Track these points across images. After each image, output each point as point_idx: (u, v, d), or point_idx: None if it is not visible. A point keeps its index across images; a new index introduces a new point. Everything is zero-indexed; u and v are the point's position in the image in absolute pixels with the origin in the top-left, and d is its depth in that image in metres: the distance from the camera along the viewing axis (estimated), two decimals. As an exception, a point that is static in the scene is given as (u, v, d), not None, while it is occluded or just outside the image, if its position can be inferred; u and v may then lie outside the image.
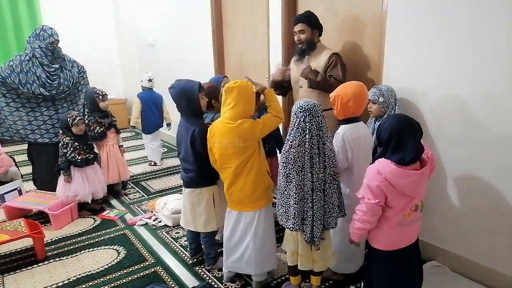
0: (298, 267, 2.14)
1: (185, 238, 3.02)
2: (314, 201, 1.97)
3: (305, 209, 2.00)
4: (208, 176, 2.44)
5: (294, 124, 1.97)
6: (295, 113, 1.98)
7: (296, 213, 2.00)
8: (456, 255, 2.45)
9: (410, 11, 2.44)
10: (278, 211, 2.11)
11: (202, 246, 2.63)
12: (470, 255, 2.39)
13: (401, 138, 1.70)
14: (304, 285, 2.34)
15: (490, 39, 2.10)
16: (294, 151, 1.95)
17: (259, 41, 3.86)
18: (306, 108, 1.94)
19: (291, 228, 2.04)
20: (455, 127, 2.34)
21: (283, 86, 3.04)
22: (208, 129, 2.28)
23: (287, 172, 2.00)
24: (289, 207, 2.03)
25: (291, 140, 1.98)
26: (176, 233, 3.13)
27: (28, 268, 2.69)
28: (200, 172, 2.43)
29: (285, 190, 2.04)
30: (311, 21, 2.75)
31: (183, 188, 2.58)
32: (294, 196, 1.99)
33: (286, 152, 1.99)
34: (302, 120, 1.94)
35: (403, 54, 2.53)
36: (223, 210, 2.42)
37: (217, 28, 4.40)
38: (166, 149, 5.58)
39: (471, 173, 2.32)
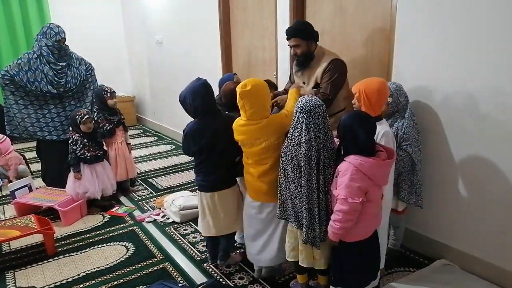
0: (299, 263, 2.14)
1: (193, 235, 3.04)
2: (310, 202, 1.94)
3: (300, 209, 1.98)
4: (234, 174, 2.45)
5: (293, 122, 1.98)
6: (296, 112, 1.97)
7: (292, 208, 2.02)
8: (466, 253, 2.44)
9: (420, 7, 2.42)
10: (277, 203, 2.13)
11: (222, 244, 2.56)
12: (480, 253, 2.37)
13: (354, 133, 1.78)
14: (313, 283, 2.34)
15: (503, 34, 2.07)
16: (292, 149, 1.96)
17: (267, 39, 3.85)
18: (306, 109, 1.91)
19: (291, 220, 2.06)
20: (466, 124, 2.31)
21: None
22: (234, 124, 2.26)
23: (284, 167, 2.03)
24: (286, 199, 2.06)
25: (290, 138, 1.99)
26: (184, 229, 3.14)
27: (38, 263, 2.72)
28: (229, 171, 2.42)
29: (282, 184, 2.07)
30: (304, 34, 2.63)
31: (205, 193, 2.43)
32: (290, 192, 2.01)
33: (285, 148, 2.02)
34: (301, 121, 1.92)
35: (413, 51, 2.50)
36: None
37: (225, 25, 4.39)
38: (173, 147, 5.61)
39: (482, 171, 2.29)
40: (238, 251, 2.73)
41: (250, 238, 2.40)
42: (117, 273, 2.58)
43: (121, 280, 2.50)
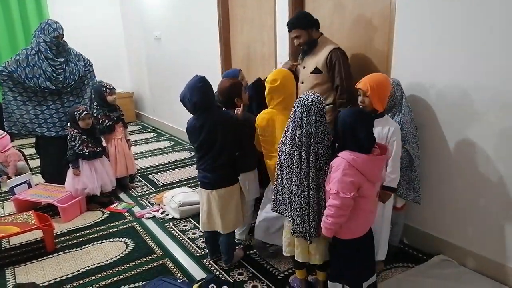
0: (295, 258, 2.16)
1: (193, 231, 3.05)
2: (301, 197, 1.96)
3: (292, 201, 2.02)
4: (235, 172, 2.45)
5: (291, 117, 1.98)
6: (294, 106, 1.97)
7: (288, 201, 2.04)
8: (465, 248, 2.44)
9: (420, 3, 2.41)
10: (272, 197, 2.17)
11: (223, 247, 2.55)
12: (478, 248, 2.38)
13: (356, 130, 1.78)
14: (312, 279, 2.35)
15: (503, 31, 2.07)
16: (289, 143, 1.97)
17: (266, 34, 3.84)
18: (303, 104, 1.91)
19: (285, 214, 2.08)
20: (465, 121, 2.31)
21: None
22: (259, 115, 2.35)
23: (281, 162, 2.04)
24: (282, 193, 2.08)
25: (286, 132, 2.00)
26: (183, 226, 3.15)
27: (38, 260, 2.73)
28: (229, 168, 2.40)
29: (278, 178, 2.09)
30: (303, 24, 2.69)
31: (208, 190, 2.42)
32: (287, 186, 2.03)
33: (282, 143, 2.03)
34: (297, 115, 1.93)
35: (412, 48, 2.50)
36: (250, 209, 2.56)
37: (224, 20, 4.38)
38: (173, 143, 5.60)
39: (480, 167, 2.29)
40: (238, 247, 2.73)
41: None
42: (116, 269, 2.59)
43: (121, 276, 2.51)
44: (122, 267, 2.61)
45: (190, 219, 3.24)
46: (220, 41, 4.45)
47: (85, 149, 3.33)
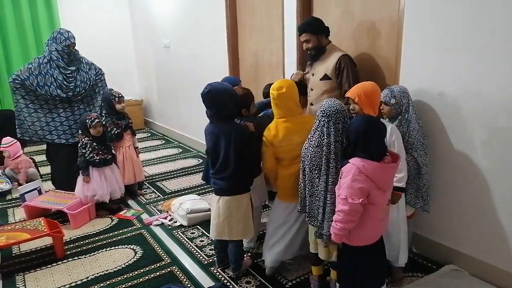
0: (318, 255, 2.24)
1: (201, 239, 3.05)
2: (326, 201, 2.03)
3: (315, 206, 2.10)
4: (246, 181, 2.45)
5: (316, 126, 2.06)
6: (318, 116, 2.05)
7: (308, 204, 2.14)
8: (475, 258, 2.42)
9: (427, 10, 2.41)
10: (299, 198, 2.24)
11: (230, 255, 2.55)
12: (489, 258, 2.35)
13: (367, 138, 1.79)
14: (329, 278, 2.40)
15: (504, 33, 2.06)
16: (312, 150, 2.05)
17: (274, 43, 3.86)
18: (328, 113, 1.99)
19: (306, 214, 2.17)
20: (473, 129, 2.30)
21: (301, 86, 3.05)
22: (266, 132, 2.36)
23: (304, 167, 2.12)
24: (305, 197, 2.16)
25: (310, 140, 2.09)
26: (191, 233, 3.16)
27: (48, 266, 2.75)
28: (241, 178, 2.40)
29: (301, 182, 2.18)
30: (314, 29, 2.74)
31: (217, 197, 2.45)
32: (307, 190, 2.12)
33: (306, 149, 2.11)
34: (323, 125, 2.01)
35: (420, 55, 2.50)
36: (258, 216, 2.53)
37: (232, 29, 4.42)
38: (181, 150, 5.63)
39: (490, 175, 2.28)
40: (246, 255, 2.73)
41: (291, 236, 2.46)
42: (125, 276, 2.60)
43: (129, 283, 2.52)
44: (131, 274, 2.62)
45: (198, 226, 3.25)
46: (228, 48, 4.48)
47: (96, 157, 3.37)
